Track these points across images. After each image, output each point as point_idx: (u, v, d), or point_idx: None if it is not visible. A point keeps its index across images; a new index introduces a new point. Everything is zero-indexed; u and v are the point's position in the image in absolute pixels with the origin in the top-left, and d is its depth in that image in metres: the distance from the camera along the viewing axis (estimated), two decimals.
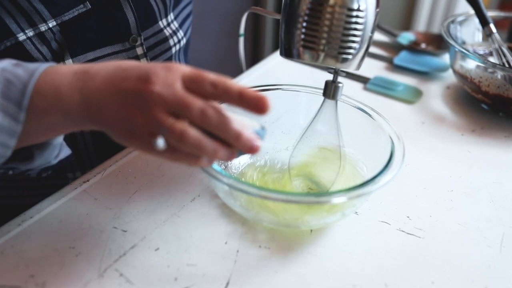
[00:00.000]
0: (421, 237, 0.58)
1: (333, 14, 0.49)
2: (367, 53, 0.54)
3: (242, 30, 0.72)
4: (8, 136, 0.45)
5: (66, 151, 0.55)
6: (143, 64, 0.45)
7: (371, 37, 0.53)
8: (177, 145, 0.43)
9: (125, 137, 0.45)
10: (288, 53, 0.54)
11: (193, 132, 0.42)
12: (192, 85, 0.43)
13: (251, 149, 0.44)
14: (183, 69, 0.44)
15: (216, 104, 0.44)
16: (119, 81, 0.44)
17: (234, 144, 0.44)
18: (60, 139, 0.53)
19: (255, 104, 0.43)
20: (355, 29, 0.51)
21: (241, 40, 0.75)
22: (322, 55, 0.52)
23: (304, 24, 0.51)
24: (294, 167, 0.63)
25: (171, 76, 0.43)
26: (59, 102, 0.45)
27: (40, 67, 0.46)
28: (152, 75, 0.43)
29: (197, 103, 0.43)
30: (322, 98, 0.58)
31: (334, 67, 0.55)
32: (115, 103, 0.44)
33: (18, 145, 0.46)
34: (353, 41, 0.51)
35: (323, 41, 0.51)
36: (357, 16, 0.50)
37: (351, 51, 0.52)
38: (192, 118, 0.43)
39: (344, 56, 0.52)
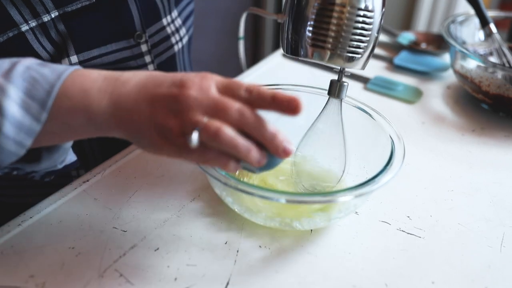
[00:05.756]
0: (421, 237, 0.58)
1: (342, 13, 0.50)
2: (372, 54, 0.55)
3: (241, 33, 0.72)
4: (26, 136, 0.44)
5: (71, 157, 0.55)
6: (174, 73, 0.46)
7: (377, 38, 0.54)
8: (211, 143, 0.43)
9: (156, 143, 0.44)
10: (294, 52, 0.54)
11: (228, 130, 0.42)
12: (226, 90, 0.44)
13: (284, 151, 0.44)
14: (216, 76, 0.45)
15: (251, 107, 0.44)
16: (152, 87, 0.44)
17: (269, 145, 0.44)
18: (69, 144, 0.53)
19: (287, 105, 0.44)
20: (363, 28, 0.51)
21: (241, 43, 0.74)
22: (329, 54, 0.52)
23: (313, 22, 0.51)
24: (296, 165, 0.63)
25: (205, 82, 0.44)
26: (86, 105, 0.45)
27: (69, 69, 0.46)
28: (187, 80, 0.43)
29: (234, 104, 0.43)
30: (323, 98, 0.58)
31: (340, 67, 0.55)
32: (148, 108, 0.44)
33: (33, 145, 0.46)
34: (361, 41, 0.52)
35: (331, 40, 0.51)
36: (365, 16, 0.51)
37: (359, 50, 0.52)
38: (229, 119, 0.43)
39: (351, 55, 0.52)
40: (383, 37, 1.07)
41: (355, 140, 0.63)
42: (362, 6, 0.50)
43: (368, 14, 0.51)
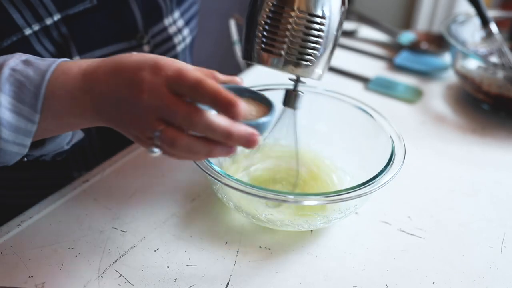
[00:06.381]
0: (422, 237, 0.58)
1: (294, 18, 0.49)
2: (329, 62, 0.53)
3: (234, 37, 0.71)
4: (24, 136, 0.46)
5: (79, 135, 0.56)
6: (133, 64, 0.45)
7: (334, 45, 0.52)
8: (172, 151, 0.43)
9: (133, 139, 0.46)
10: (247, 56, 0.53)
11: (182, 138, 0.42)
12: (176, 87, 0.43)
13: (247, 145, 0.44)
14: (169, 69, 0.44)
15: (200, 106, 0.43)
16: (115, 88, 0.45)
17: (227, 143, 0.44)
18: None
19: (225, 109, 0.42)
20: (317, 36, 0.50)
21: (237, 48, 0.74)
22: (281, 60, 0.50)
23: (265, 27, 0.50)
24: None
25: (157, 80, 0.43)
26: (73, 106, 0.46)
27: (51, 67, 0.46)
28: (140, 82, 0.43)
29: (181, 108, 0.42)
30: (323, 97, 0.58)
31: (294, 74, 0.53)
32: (117, 110, 0.45)
33: (34, 139, 0.48)
34: (314, 48, 0.50)
35: (283, 46, 0.50)
36: (319, 23, 0.49)
37: (311, 58, 0.51)
38: (181, 123, 0.43)
39: (304, 62, 0.51)
40: (383, 37, 1.07)
41: (355, 140, 0.63)
42: (316, 12, 0.49)
43: (322, 21, 0.49)
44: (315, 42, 0.50)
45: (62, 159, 0.60)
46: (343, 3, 0.51)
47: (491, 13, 0.86)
